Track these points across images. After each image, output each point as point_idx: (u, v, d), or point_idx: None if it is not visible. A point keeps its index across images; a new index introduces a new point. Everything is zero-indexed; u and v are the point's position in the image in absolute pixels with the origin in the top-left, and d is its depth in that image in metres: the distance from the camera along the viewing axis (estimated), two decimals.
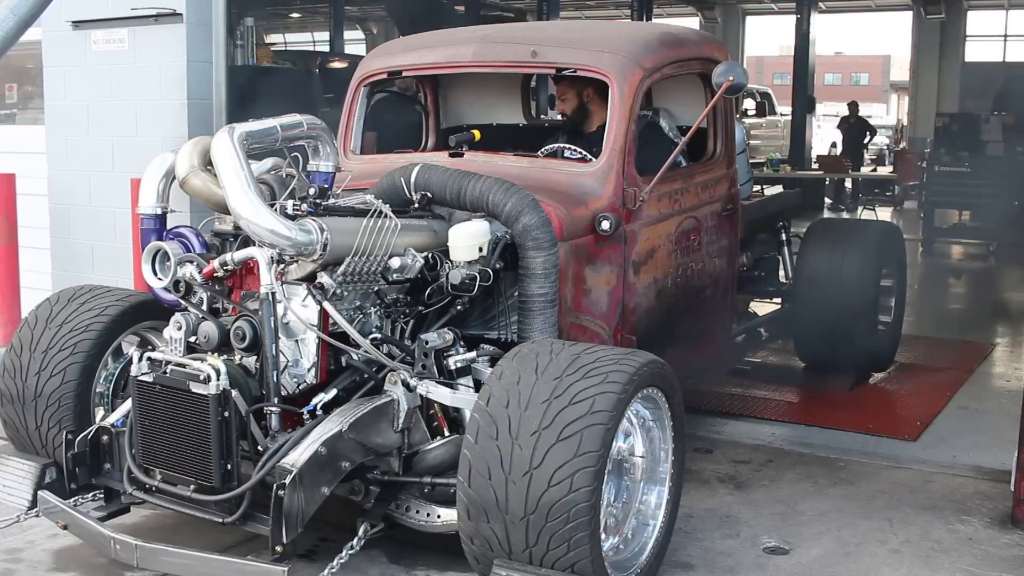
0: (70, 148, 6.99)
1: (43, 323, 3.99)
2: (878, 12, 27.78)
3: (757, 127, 22.27)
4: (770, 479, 4.67)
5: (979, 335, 7.97)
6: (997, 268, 12.01)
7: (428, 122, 5.53)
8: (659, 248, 4.56)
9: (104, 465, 3.58)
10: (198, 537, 3.68)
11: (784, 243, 6.43)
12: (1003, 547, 3.95)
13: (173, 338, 3.51)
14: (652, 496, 3.59)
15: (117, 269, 6.56)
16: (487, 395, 3.20)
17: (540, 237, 3.74)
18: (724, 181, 5.13)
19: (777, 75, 46.51)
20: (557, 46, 4.66)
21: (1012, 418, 4.43)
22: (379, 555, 3.75)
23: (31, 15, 5.01)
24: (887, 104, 49.51)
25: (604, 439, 3.05)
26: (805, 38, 19.17)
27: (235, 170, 3.36)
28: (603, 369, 3.17)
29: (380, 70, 5.00)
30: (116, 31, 6.65)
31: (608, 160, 4.29)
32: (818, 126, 22.73)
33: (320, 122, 3.82)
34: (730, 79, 4.22)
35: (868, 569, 3.76)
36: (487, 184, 3.79)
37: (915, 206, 15.76)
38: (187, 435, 3.27)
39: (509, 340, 3.90)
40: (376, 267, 3.57)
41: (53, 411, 3.85)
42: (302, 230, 3.35)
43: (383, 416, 3.44)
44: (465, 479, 3.12)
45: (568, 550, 3.02)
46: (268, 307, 3.36)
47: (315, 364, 3.47)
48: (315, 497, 3.19)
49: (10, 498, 3.76)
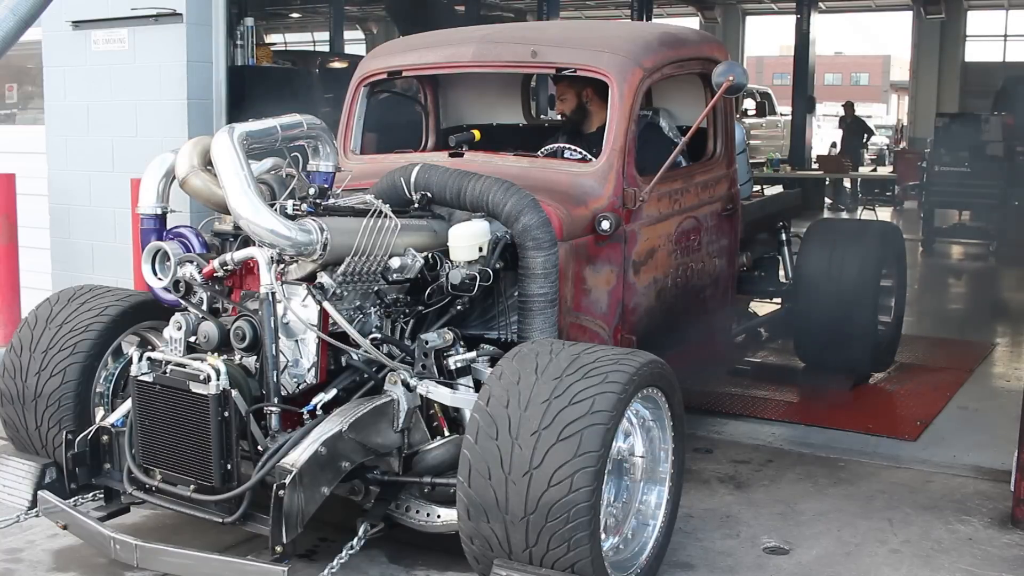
0: (70, 148, 6.99)
1: (43, 323, 3.99)
2: (878, 12, 27.79)
3: (757, 127, 22.27)
4: (770, 479, 4.67)
5: (979, 335, 7.97)
6: (997, 268, 12.00)
7: (428, 122, 5.53)
8: (659, 248, 4.56)
9: (104, 465, 3.58)
10: (198, 537, 3.68)
11: (784, 243, 6.43)
12: (1003, 547, 3.95)
13: (173, 338, 3.51)
14: (652, 496, 3.59)
15: (117, 269, 6.56)
16: (487, 395, 3.20)
17: (540, 237, 3.74)
18: (724, 181, 5.13)
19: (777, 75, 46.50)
20: (557, 46, 4.66)
21: (1012, 418, 4.43)
22: (379, 555, 3.75)
23: (31, 15, 5.01)
24: (887, 104, 49.51)
25: (604, 439, 3.05)
26: (805, 38, 19.17)
27: (235, 170, 3.36)
28: (603, 369, 3.17)
29: (380, 70, 5.00)
30: (116, 31, 6.65)
31: (608, 160, 4.29)
32: (818, 126, 22.74)
33: (320, 122, 3.82)
34: (730, 79, 4.22)
35: (868, 569, 3.76)
36: (487, 184, 3.79)
37: (915, 206, 15.74)
38: (187, 435, 3.27)
39: (509, 340, 3.90)
40: (376, 267, 3.57)
41: (53, 411, 3.85)
42: (302, 230, 3.35)
43: (383, 416, 3.44)
44: (465, 479, 3.12)
45: (568, 550, 3.02)
46: (268, 307, 3.36)
47: (315, 364, 3.47)
48: (315, 497, 3.19)
49: (10, 498, 3.76)
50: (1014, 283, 11.31)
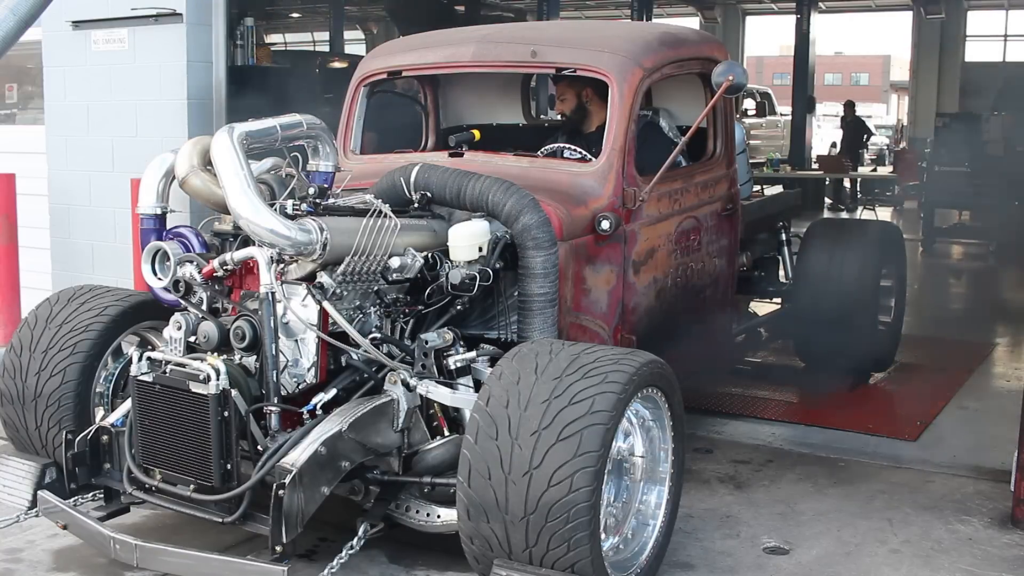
0: (70, 148, 6.99)
1: (43, 323, 3.99)
2: (878, 12, 27.75)
3: (757, 127, 22.28)
4: (770, 479, 4.67)
5: (979, 335, 7.96)
6: (997, 268, 12.00)
7: (428, 122, 5.53)
8: (659, 248, 4.56)
9: (104, 465, 3.58)
10: (198, 537, 3.68)
11: (784, 243, 6.43)
12: (1003, 547, 3.95)
13: (173, 338, 3.51)
14: (652, 496, 3.59)
15: (117, 269, 6.56)
16: (487, 395, 3.20)
17: (540, 236, 3.74)
18: (724, 181, 5.13)
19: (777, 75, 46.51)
20: (557, 46, 4.66)
21: (1012, 418, 4.43)
22: (379, 555, 3.75)
23: (31, 15, 5.01)
24: (887, 104, 49.51)
25: (604, 439, 3.05)
26: (805, 38, 19.17)
27: (235, 170, 3.36)
28: (602, 369, 3.17)
29: (380, 70, 5.00)
30: (116, 31, 6.65)
31: (608, 160, 4.29)
32: (818, 126, 22.74)
33: (320, 122, 3.83)
34: (730, 79, 4.22)
35: (868, 569, 3.75)
36: (487, 184, 3.79)
37: (915, 206, 15.75)
38: (187, 435, 3.27)
39: (509, 340, 3.89)
40: (376, 267, 3.57)
41: (53, 411, 3.85)
42: (302, 230, 3.35)
43: (383, 416, 3.44)
44: (465, 479, 3.12)
45: (568, 550, 3.02)
46: (268, 307, 3.36)
47: (315, 364, 3.47)
48: (315, 497, 3.19)
49: (10, 498, 3.76)
50: (1014, 283, 11.31)
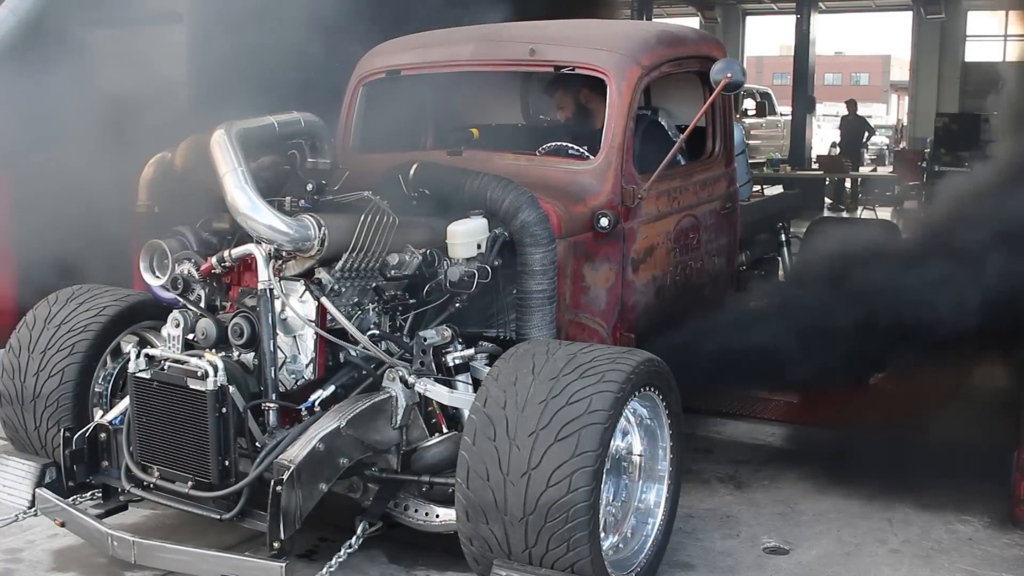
0: None
1: (41, 323, 3.99)
2: (878, 12, 27.78)
3: (757, 127, 22.25)
4: (770, 479, 4.66)
5: None
6: None
7: (427, 121, 5.51)
8: (658, 246, 4.55)
9: (102, 463, 3.58)
10: (198, 537, 3.67)
11: (784, 243, 6.42)
12: (1003, 547, 3.94)
13: (171, 335, 3.50)
14: (651, 494, 3.59)
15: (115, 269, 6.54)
16: (484, 396, 3.19)
17: (538, 234, 3.73)
18: (723, 180, 5.13)
19: (777, 75, 46.50)
20: (555, 44, 4.65)
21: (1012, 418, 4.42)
22: (379, 555, 3.74)
23: (31, 15, 5.00)
24: (887, 104, 49.50)
25: (602, 438, 3.04)
26: (805, 38, 19.18)
27: (232, 166, 3.35)
28: (600, 368, 3.17)
29: (379, 69, 4.99)
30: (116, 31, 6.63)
31: (607, 158, 4.28)
32: (818, 126, 22.72)
33: (318, 119, 3.82)
34: (728, 76, 4.22)
35: (868, 569, 3.75)
36: (485, 181, 3.79)
37: (915, 206, 15.73)
38: (185, 432, 3.26)
39: (508, 337, 3.89)
40: (374, 263, 3.56)
41: (52, 411, 3.85)
42: (300, 226, 3.34)
43: (381, 413, 3.43)
44: (463, 480, 3.11)
45: (567, 550, 3.01)
46: (266, 303, 3.35)
47: (313, 360, 3.47)
48: (313, 493, 3.18)
49: (10, 498, 3.75)
50: None
